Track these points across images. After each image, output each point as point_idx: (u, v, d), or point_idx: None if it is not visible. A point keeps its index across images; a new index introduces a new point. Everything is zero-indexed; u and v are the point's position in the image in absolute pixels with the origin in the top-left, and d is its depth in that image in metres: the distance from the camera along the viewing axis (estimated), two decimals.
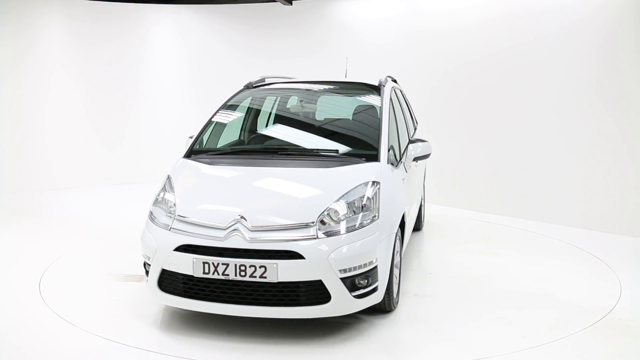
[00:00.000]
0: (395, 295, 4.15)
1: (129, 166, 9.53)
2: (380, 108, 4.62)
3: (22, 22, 8.80)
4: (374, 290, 3.71)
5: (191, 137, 4.84)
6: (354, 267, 3.54)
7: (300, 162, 4.15)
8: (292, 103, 5.22)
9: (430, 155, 4.90)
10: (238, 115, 5.15)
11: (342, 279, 3.50)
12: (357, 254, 3.54)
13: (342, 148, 4.41)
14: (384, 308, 4.05)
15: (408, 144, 4.76)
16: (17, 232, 6.55)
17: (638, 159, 6.43)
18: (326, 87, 5.37)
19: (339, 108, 5.21)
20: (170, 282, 3.70)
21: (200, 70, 9.96)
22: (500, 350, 3.59)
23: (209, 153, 4.52)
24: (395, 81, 6.35)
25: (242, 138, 5.12)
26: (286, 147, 4.59)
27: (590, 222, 6.75)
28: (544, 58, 7.06)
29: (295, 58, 9.37)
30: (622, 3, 6.44)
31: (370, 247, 3.61)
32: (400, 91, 6.18)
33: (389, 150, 4.35)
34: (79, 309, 4.22)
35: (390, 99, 4.90)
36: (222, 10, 9.87)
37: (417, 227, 6.44)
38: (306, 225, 3.54)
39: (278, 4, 9.45)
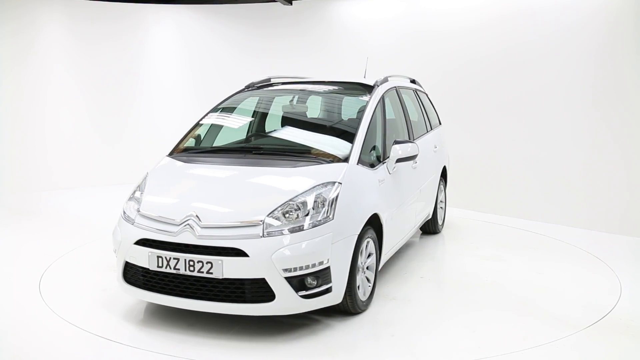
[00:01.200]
0: (364, 298, 4.13)
1: (128, 166, 9.51)
2: (364, 108, 4.61)
3: (22, 22, 8.80)
4: (327, 291, 3.69)
5: (194, 138, 4.95)
6: (299, 267, 3.55)
7: (269, 161, 4.20)
8: (283, 103, 5.31)
9: (417, 157, 4.78)
10: (229, 115, 5.22)
11: (286, 278, 3.53)
12: (302, 253, 3.55)
13: (316, 148, 4.43)
14: (348, 310, 4.03)
15: (392, 144, 4.62)
16: (17, 232, 6.55)
17: (638, 159, 6.43)
18: (319, 87, 5.39)
19: (328, 108, 5.22)
20: (132, 274, 3.88)
21: (200, 70, 9.96)
22: (500, 350, 3.59)
23: (190, 151, 4.67)
24: (414, 82, 6.37)
25: (228, 137, 5.17)
26: (262, 146, 4.69)
27: (590, 222, 6.75)
28: (543, 58, 7.06)
29: (296, 58, 9.37)
30: (621, 3, 6.45)
31: (319, 248, 3.60)
32: (415, 91, 6.16)
33: (371, 150, 4.40)
34: (79, 309, 4.22)
35: (382, 99, 4.86)
36: (222, 10, 9.87)
37: (434, 230, 6.35)
38: (253, 225, 3.59)
39: (278, 4, 9.45)
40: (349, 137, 4.36)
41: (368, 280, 4.23)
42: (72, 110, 9.33)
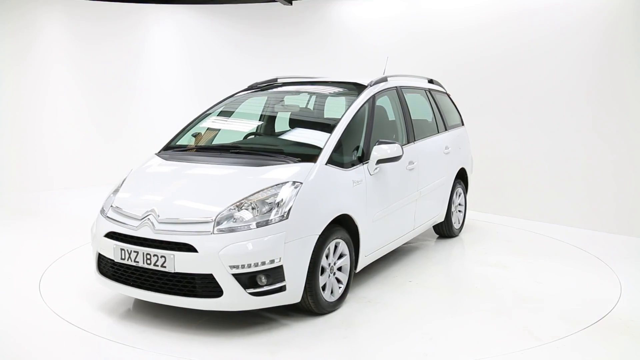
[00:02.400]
0: (332, 299, 4.13)
1: (128, 166, 9.46)
2: (347, 108, 4.63)
3: (22, 21, 8.80)
4: (280, 289, 3.72)
5: (194, 136, 5.06)
6: (247, 265, 3.60)
7: (240, 160, 4.27)
8: (275, 104, 5.40)
9: (401, 158, 4.61)
10: (221, 115, 5.31)
11: (234, 274, 3.60)
12: (251, 251, 3.60)
13: (290, 148, 4.54)
14: (312, 310, 4.04)
15: (374, 145, 4.55)
16: (17, 232, 6.56)
17: (638, 159, 6.43)
18: (313, 87, 5.45)
19: (316, 108, 5.24)
20: (104, 265, 4.09)
21: (200, 70, 9.96)
22: (500, 350, 3.59)
23: (175, 149, 4.82)
24: (431, 81, 6.31)
25: (217, 136, 5.25)
26: (239, 145, 4.78)
27: (590, 222, 6.75)
28: (543, 59, 7.06)
29: (296, 58, 9.37)
30: (621, 4, 6.45)
31: (269, 246, 3.64)
32: (429, 91, 6.05)
33: (353, 151, 4.43)
34: (78, 309, 4.22)
35: (372, 100, 4.84)
36: (222, 10, 9.87)
37: (449, 234, 6.21)
38: (205, 222, 3.68)
39: (278, 4, 9.45)
40: (323, 137, 4.41)
41: (339, 281, 4.23)
42: (72, 110, 9.33)
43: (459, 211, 6.41)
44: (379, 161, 4.52)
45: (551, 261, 5.50)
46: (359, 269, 4.51)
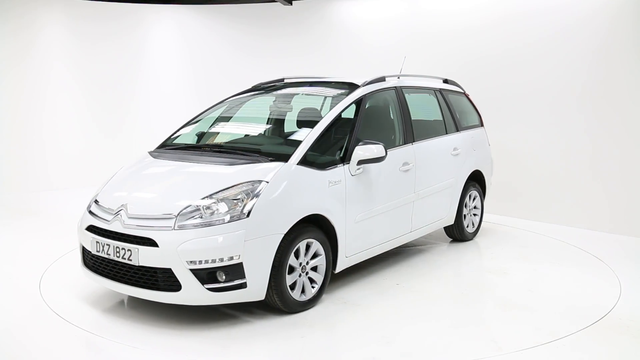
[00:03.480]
0: (302, 298, 4.14)
1: None
2: (330, 109, 4.64)
3: (22, 21, 8.81)
4: (240, 286, 3.78)
5: (197, 135, 5.18)
6: (205, 260, 3.68)
7: (216, 159, 4.35)
8: (269, 104, 5.47)
9: (385, 159, 4.52)
10: (216, 115, 5.38)
11: (192, 270, 3.68)
12: (209, 248, 3.68)
13: (268, 147, 4.63)
14: (280, 309, 4.07)
15: (356, 145, 4.50)
16: (17, 232, 6.56)
17: (638, 159, 6.44)
18: (308, 89, 5.49)
19: (305, 108, 5.25)
20: (86, 258, 4.27)
21: (199, 70, 9.96)
22: (500, 350, 3.59)
23: (166, 147, 4.95)
24: (446, 81, 6.25)
25: (205, 135, 5.30)
26: (221, 144, 4.87)
27: (590, 222, 6.75)
28: (543, 59, 7.06)
29: (296, 58, 9.37)
30: (621, 4, 6.45)
31: (228, 244, 3.71)
32: (439, 91, 5.95)
33: (338, 150, 4.45)
34: (79, 309, 4.23)
35: (361, 100, 4.81)
36: (222, 10, 9.87)
37: (460, 238, 6.07)
38: (167, 217, 3.80)
39: (278, 4, 9.45)
40: (300, 137, 4.45)
41: (313, 281, 4.24)
42: (72, 111, 9.33)
43: (474, 215, 6.26)
44: (361, 162, 4.48)
45: (553, 264, 5.49)
46: (339, 269, 4.49)
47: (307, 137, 4.36)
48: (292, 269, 4.07)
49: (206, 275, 3.72)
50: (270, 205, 3.91)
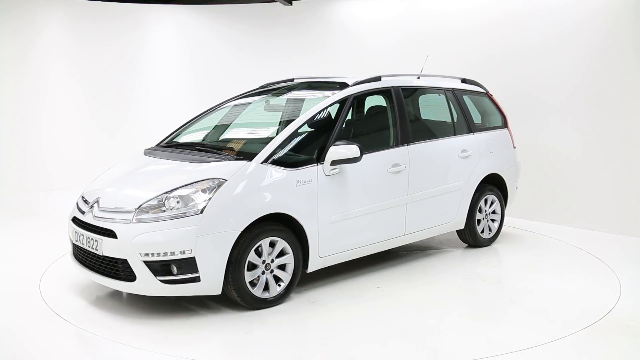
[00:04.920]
0: (265, 295, 4.18)
1: None
2: (309, 108, 4.65)
3: (22, 21, 8.79)
4: (193, 280, 3.90)
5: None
6: (157, 253, 3.84)
7: (188, 157, 4.52)
8: (265, 104, 5.53)
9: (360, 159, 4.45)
10: (216, 114, 5.48)
11: (145, 261, 3.86)
12: (161, 241, 3.83)
13: (240, 146, 4.71)
14: (242, 305, 4.15)
15: (330, 146, 4.46)
16: (17, 232, 6.56)
17: (638, 159, 6.43)
18: (302, 88, 5.52)
19: (296, 108, 5.28)
20: (73, 249, 4.47)
21: (200, 70, 9.95)
22: (500, 350, 3.59)
23: (160, 145, 5.14)
24: (464, 81, 6.12)
25: (195, 134, 5.44)
26: (203, 143, 5.00)
27: (590, 222, 6.75)
28: (543, 59, 7.06)
29: (296, 58, 9.37)
30: (621, 4, 6.45)
31: (179, 238, 3.84)
32: (451, 91, 5.78)
33: (315, 150, 4.46)
34: (79, 309, 4.23)
35: (347, 100, 4.77)
36: (222, 10, 9.87)
37: (474, 243, 5.84)
38: (128, 211, 4.00)
39: (278, 4, 9.45)
40: (272, 136, 4.52)
41: (278, 279, 4.27)
42: (72, 111, 9.32)
43: (492, 220, 6.00)
44: (335, 162, 4.44)
45: (550, 260, 5.50)
46: (312, 269, 4.48)
47: (277, 136, 4.40)
48: (254, 266, 4.12)
49: (159, 267, 3.87)
50: (227, 203, 4.00)
